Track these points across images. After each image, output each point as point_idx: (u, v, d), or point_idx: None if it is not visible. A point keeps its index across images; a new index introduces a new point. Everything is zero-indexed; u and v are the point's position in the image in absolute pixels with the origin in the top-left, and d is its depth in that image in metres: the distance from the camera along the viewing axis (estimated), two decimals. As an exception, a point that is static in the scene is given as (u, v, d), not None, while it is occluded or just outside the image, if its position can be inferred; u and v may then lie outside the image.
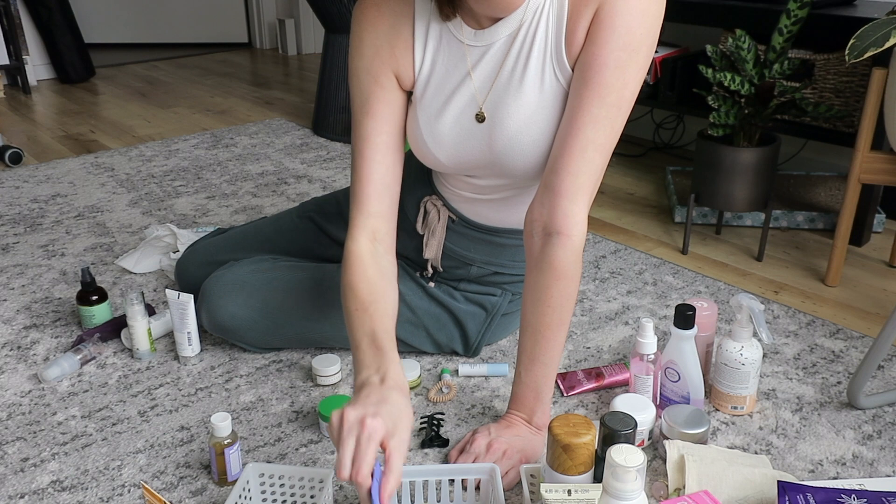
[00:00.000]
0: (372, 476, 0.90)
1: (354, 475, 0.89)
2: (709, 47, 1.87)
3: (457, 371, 1.45)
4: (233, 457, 1.15)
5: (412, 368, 1.39)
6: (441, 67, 1.21)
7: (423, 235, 1.41)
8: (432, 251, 1.40)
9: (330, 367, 1.40)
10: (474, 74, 1.19)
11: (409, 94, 1.25)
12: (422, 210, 1.40)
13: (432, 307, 1.43)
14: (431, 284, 1.44)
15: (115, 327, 1.55)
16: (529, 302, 1.16)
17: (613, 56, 1.08)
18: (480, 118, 1.19)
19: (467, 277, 1.44)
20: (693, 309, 1.25)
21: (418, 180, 1.42)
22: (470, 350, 1.46)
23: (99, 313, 1.57)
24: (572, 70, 1.14)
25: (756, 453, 1.24)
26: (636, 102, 1.13)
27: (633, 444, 1.02)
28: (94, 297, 1.56)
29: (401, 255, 1.48)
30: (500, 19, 1.15)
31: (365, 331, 1.09)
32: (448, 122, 1.21)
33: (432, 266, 1.43)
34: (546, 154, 1.18)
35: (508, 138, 1.18)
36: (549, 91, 1.16)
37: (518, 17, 1.14)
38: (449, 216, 1.39)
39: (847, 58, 1.44)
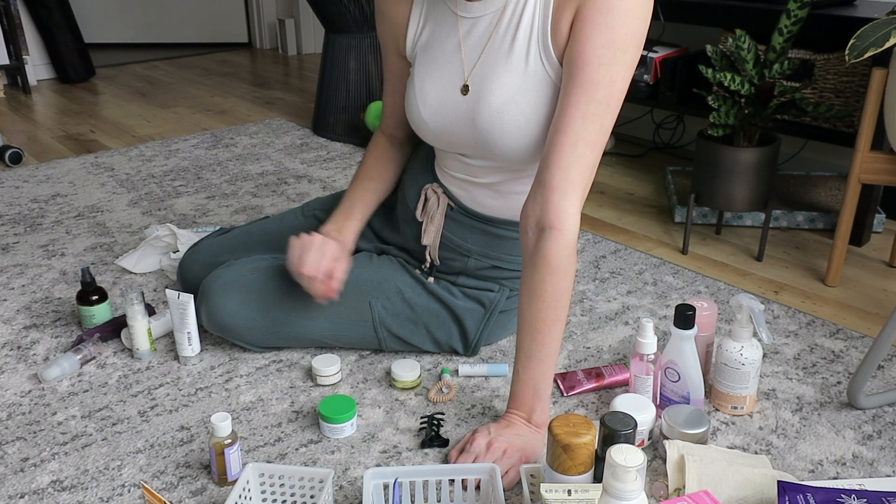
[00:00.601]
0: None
1: (299, 266, 1.33)
2: (709, 47, 1.88)
3: (457, 371, 1.45)
4: (233, 457, 1.15)
5: (412, 368, 1.39)
6: (437, 36, 1.28)
7: (422, 223, 1.42)
8: (430, 237, 1.42)
9: (330, 367, 1.40)
10: (464, 45, 1.25)
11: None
12: (422, 197, 1.43)
13: (431, 304, 1.43)
14: (431, 280, 1.45)
15: (115, 327, 1.55)
16: (525, 298, 1.18)
17: (597, 53, 1.11)
18: (465, 90, 1.25)
19: (465, 271, 1.44)
20: (693, 309, 1.25)
21: (422, 170, 1.46)
22: (469, 348, 1.46)
23: (99, 313, 1.57)
24: (560, 62, 1.18)
25: (756, 453, 1.24)
26: (636, 102, 1.16)
27: (633, 444, 1.02)
28: (94, 297, 1.56)
29: (401, 248, 1.50)
30: None
31: (352, 197, 1.47)
32: (436, 87, 1.28)
33: (430, 256, 1.44)
34: (528, 138, 1.22)
35: (490, 114, 1.22)
36: (534, 74, 1.19)
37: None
38: (448, 203, 1.40)
39: (847, 58, 1.44)
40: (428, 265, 1.45)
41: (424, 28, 1.31)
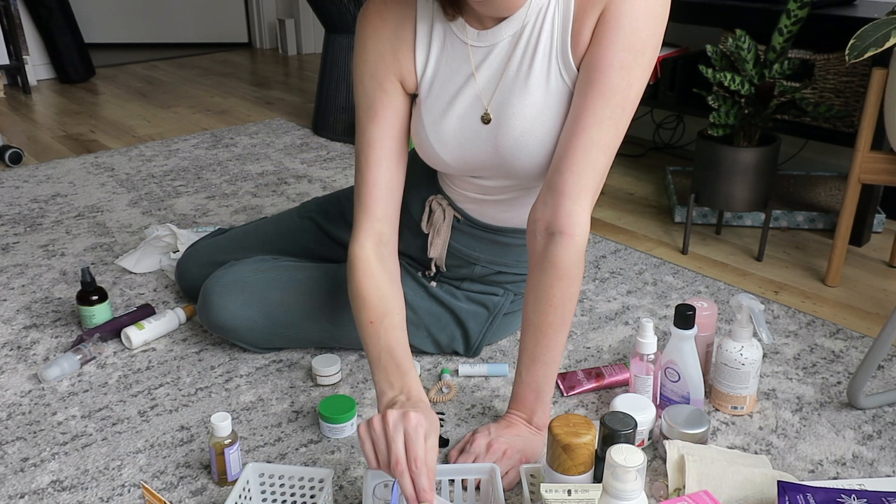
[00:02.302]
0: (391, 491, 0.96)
1: (412, 466, 0.94)
2: (709, 47, 1.87)
3: (457, 371, 1.45)
4: (233, 457, 1.15)
5: (412, 368, 1.39)
6: (445, 68, 1.21)
7: (427, 234, 1.41)
8: (437, 250, 1.40)
9: (330, 367, 1.40)
10: (478, 75, 1.19)
11: (413, 97, 1.26)
12: (427, 209, 1.40)
13: (434, 307, 1.43)
14: (433, 284, 1.44)
15: (116, 327, 1.55)
16: (531, 301, 1.16)
17: (619, 57, 1.09)
18: (486, 119, 1.20)
19: (470, 277, 1.44)
20: (693, 309, 1.25)
21: (423, 179, 1.42)
22: (471, 350, 1.46)
23: (99, 313, 1.57)
24: (578, 70, 1.14)
25: (756, 453, 1.24)
26: (636, 102, 1.14)
27: (633, 444, 1.02)
28: (94, 297, 1.56)
29: (404, 254, 1.48)
30: (503, 19, 1.15)
31: (382, 346, 1.13)
32: (453, 123, 1.21)
33: (436, 265, 1.43)
34: (552, 154, 1.18)
35: (514, 139, 1.18)
36: (555, 91, 1.16)
37: (521, 18, 1.14)
38: (454, 215, 1.39)
39: (847, 58, 1.44)
40: (433, 273, 1.45)
41: (430, 60, 1.22)
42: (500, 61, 1.18)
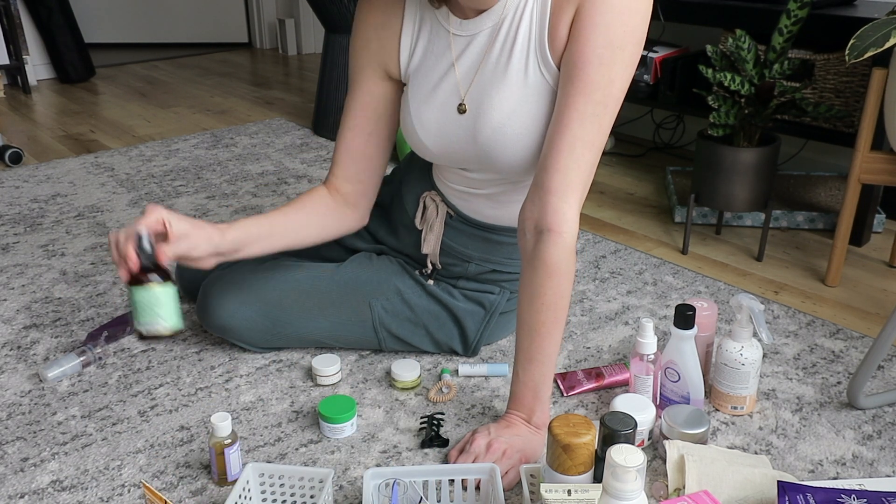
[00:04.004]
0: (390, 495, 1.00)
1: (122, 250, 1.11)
2: (709, 47, 1.88)
3: (457, 371, 1.45)
4: (233, 457, 1.15)
5: (412, 368, 1.39)
6: (430, 56, 1.26)
7: (421, 231, 1.42)
8: (430, 246, 1.41)
9: (330, 367, 1.40)
10: (458, 65, 1.23)
11: (401, 84, 1.32)
12: (421, 205, 1.42)
13: (431, 305, 1.43)
14: (431, 282, 1.45)
15: (124, 325, 1.55)
16: (524, 300, 1.17)
17: (596, 53, 1.10)
18: (462, 109, 1.23)
19: (465, 275, 1.44)
20: (693, 309, 1.25)
21: (420, 177, 1.45)
22: (469, 349, 1.46)
23: (164, 298, 1.16)
24: (558, 68, 1.17)
25: (756, 453, 1.24)
26: (636, 102, 1.15)
27: (633, 444, 1.02)
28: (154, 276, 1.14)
29: (401, 253, 1.49)
30: (483, 11, 1.19)
31: (249, 220, 1.27)
32: (433, 111, 1.25)
33: (431, 263, 1.44)
34: (531, 149, 1.21)
35: (492, 130, 1.20)
36: (533, 86, 1.18)
37: (499, 11, 1.18)
38: (447, 211, 1.40)
39: (847, 58, 1.44)
40: (429, 270, 1.45)
41: (416, 49, 1.27)
42: (479, 52, 1.21)
